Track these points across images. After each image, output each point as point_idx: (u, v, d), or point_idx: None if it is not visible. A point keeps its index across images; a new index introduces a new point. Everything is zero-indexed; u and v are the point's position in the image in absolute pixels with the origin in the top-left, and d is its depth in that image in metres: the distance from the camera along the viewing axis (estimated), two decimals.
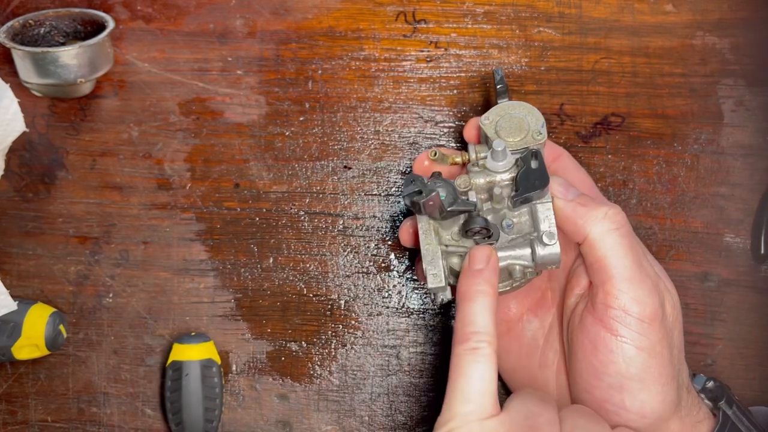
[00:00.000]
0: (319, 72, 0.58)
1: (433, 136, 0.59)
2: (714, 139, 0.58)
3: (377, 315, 0.59)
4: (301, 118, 0.58)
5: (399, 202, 0.59)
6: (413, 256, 0.59)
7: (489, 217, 0.48)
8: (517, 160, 0.48)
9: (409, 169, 0.58)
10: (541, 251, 0.47)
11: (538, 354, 0.53)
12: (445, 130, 0.59)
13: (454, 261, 0.48)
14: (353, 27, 0.58)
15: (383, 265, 0.59)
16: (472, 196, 0.48)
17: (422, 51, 0.58)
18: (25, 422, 0.59)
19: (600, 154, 0.58)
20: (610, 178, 0.58)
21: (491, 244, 0.48)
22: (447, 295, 0.48)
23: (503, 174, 0.48)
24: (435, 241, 0.48)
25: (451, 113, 0.59)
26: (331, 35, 0.58)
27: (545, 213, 0.47)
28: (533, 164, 0.47)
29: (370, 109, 0.58)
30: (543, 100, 0.58)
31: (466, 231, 0.47)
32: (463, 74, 0.58)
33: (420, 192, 0.45)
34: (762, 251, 0.58)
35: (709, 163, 0.58)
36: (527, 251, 0.47)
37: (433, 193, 0.45)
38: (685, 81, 0.58)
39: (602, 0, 0.58)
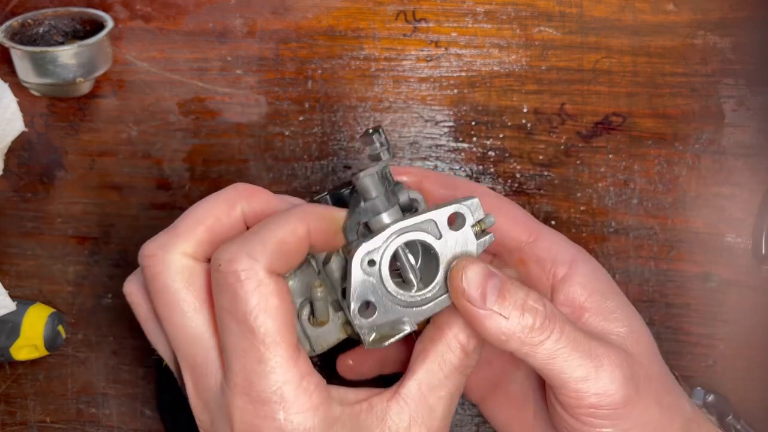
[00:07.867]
0: (319, 72, 0.58)
1: (433, 135, 0.58)
2: (715, 139, 0.58)
3: None
4: (301, 118, 0.58)
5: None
6: None
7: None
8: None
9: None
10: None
11: (531, 405, 0.49)
12: (445, 130, 0.58)
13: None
14: (353, 26, 0.58)
15: None
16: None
17: (422, 50, 0.58)
18: (24, 423, 0.58)
19: (601, 153, 0.58)
20: (611, 178, 0.58)
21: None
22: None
23: None
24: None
25: (451, 113, 0.58)
26: (331, 35, 0.58)
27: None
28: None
29: (370, 108, 0.58)
30: (544, 100, 0.58)
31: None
32: (463, 74, 0.58)
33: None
34: (763, 251, 0.57)
35: (710, 163, 0.58)
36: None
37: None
38: (686, 80, 0.58)
39: None
